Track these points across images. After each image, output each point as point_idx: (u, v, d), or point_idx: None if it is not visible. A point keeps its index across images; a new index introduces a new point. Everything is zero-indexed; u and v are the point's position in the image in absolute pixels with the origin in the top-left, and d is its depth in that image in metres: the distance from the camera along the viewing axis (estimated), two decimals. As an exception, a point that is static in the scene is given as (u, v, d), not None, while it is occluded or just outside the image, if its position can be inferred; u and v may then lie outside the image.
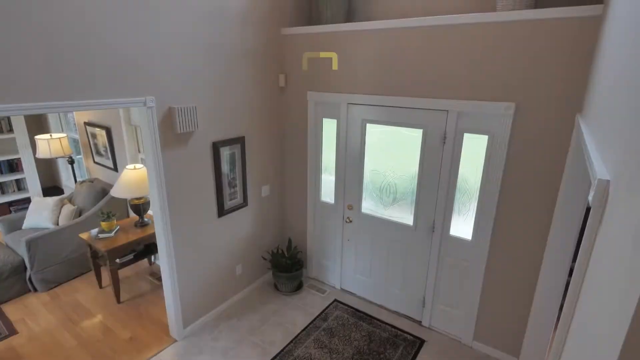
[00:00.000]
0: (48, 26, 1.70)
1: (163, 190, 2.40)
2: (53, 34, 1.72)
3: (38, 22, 1.67)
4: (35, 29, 1.66)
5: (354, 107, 2.84)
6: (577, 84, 1.94)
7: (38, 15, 1.66)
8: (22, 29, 1.62)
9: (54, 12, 1.71)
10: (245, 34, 2.69)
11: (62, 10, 1.74)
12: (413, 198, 2.77)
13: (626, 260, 0.63)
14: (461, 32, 2.22)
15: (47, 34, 1.70)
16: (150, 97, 2.19)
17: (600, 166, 0.98)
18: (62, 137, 4.31)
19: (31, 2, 1.63)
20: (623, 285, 0.62)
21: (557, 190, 2.13)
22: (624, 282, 0.61)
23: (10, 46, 1.60)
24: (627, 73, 0.93)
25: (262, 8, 2.77)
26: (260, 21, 2.78)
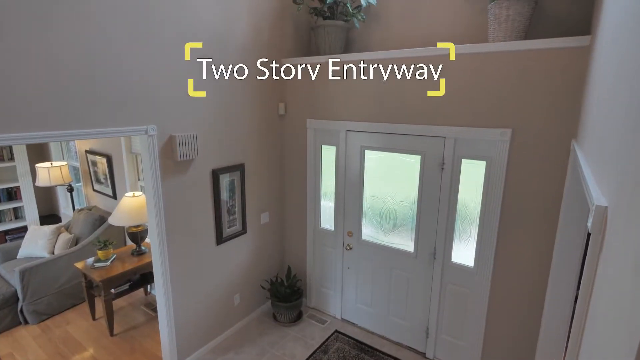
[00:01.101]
0: (53, 56, 1.76)
1: (161, 217, 2.39)
2: (58, 64, 1.78)
3: (43, 51, 1.72)
4: (40, 58, 1.72)
5: (352, 134, 2.88)
6: (570, 110, 1.99)
7: (43, 45, 1.72)
8: (27, 59, 1.68)
9: (59, 43, 1.77)
10: (246, 64, 2.77)
11: (67, 41, 1.80)
12: (413, 224, 2.75)
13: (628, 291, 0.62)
14: (456, 62, 2.29)
15: (52, 64, 1.76)
16: (152, 126, 2.23)
17: (597, 192, 0.99)
18: (62, 165, 4.34)
19: (36, 32, 1.69)
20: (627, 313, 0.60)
21: (557, 215, 2.12)
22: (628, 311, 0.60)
23: (15, 76, 1.65)
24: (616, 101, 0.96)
25: (263, 41, 2.87)
26: (260, 52, 2.87)
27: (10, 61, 1.62)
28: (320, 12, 2.92)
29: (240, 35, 2.67)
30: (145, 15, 2.09)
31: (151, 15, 2.11)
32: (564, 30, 2.24)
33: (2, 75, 1.61)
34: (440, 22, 2.67)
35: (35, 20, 1.67)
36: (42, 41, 1.71)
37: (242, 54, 2.72)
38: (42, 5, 1.68)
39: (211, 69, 2.52)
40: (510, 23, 2.15)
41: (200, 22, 2.38)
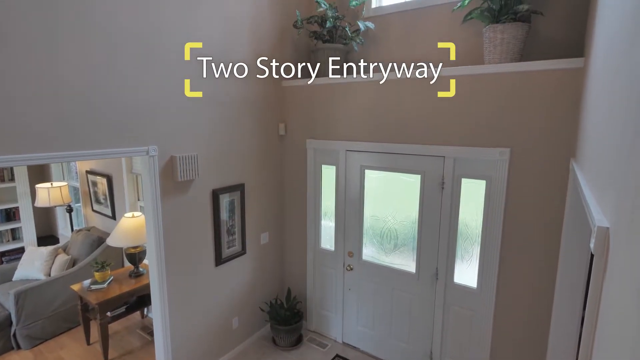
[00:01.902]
0: (57, 79, 1.79)
1: (160, 238, 2.37)
2: (62, 87, 1.81)
3: (47, 74, 1.75)
4: (45, 81, 1.75)
5: (352, 153, 2.90)
6: (568, 130, 2.00)
7: (47, 68, 1.75)
8: (32, 81, 1.71)
9: (63, 66, 1.81)
10: (247, 86, 2.82)
11: (71, 64, 1.84)
12: (414, 244, 2.72)
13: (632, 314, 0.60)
14: (454, 83, 2.33)
15: (56, 86, 1.79)
16: (153, 147, 2.24)
17: (598, 213, 0.98)
18: (62, 186, 4.34)
19: (42, 55, 1.73)
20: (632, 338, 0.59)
21: (559, 234, 2.11)
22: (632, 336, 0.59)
23: (20, 98, 1.67)
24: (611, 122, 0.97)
25: (264, 63, 2.93)
26: (261, 75, 2.93)
27: (16, 83, 1.65)
28: (320, 35, 3.00)
29: (241, 59, 2.73)
30: (150, 40, 2.14)
31: (156, 39, 2.17)
32: (559, 53, 2.29)
33: (6, 96, 1.63)
34: (436, 45, 2.74)
35: (41, 44, 1.71)
36: (47, 64, 1.74)
37: (244, 78, 2.77)
38: (48, 29, 1.73)
39: (214, 91, 2.56)
40: (505, 46, 2.20)
41: (202, 46, 2.44)
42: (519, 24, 2.15)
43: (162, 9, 2.19)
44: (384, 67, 3.01)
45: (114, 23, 1.97)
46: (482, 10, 2.27)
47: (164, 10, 2.20)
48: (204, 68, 2.47)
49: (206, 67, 2.49)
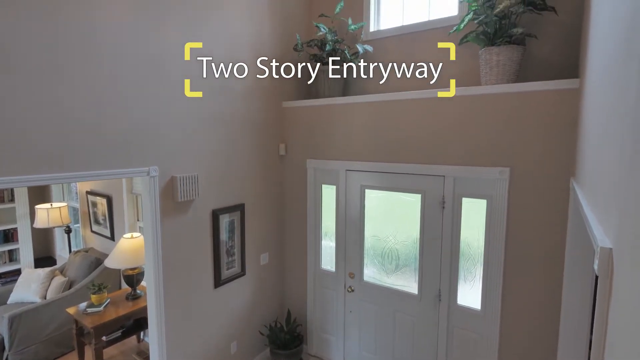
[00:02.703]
0: (60, 100, 1.82)
1: (159, 259, 2.34)
2: (64, 109, 1.83)
3: (48, 95, 1.78)
4: (46, 102, 1.77)
5: (352, 173, 2.91)
6: (566, 149, 2.02)
7: (49, 90, 1.78)
8: (33, 102, 1.73)
9: (65, 88, 1.84)
10: (248, 107, 2.86)
11: (73, 86, 1.87)
12: (416, 264, 2.69)
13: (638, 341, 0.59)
14: (452, 103, 2.37)
15: (57, 107, 1.81)
16: (153, 167, 2.25)
17: (600, 233, 0.97)
18: (62, 207, 4.33)
19: (43, 78, 1.76)
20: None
21: (563, 254, 2.08)
22: None
23: (20, 119, 1.70)
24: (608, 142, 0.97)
25: (265, 85, 2.99)
26: (262, 96, 2.98)
27: (19, 105, 1.68)
28: (319, 58, 3.07)
29: (243, 82, 2.79)
30: (153, 63, 2.19)
31: (159, 62, 2.22)
32: (554, 74, 2.33)
33: (9, 118, 1.65)
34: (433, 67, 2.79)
35: (46, 67, 1.75)
36: (50, 86, 1.77)
37: (245, 98, 2.82)
38: (53, 53, 1.77)
39: (215, 112, 2.59)
40: (501, 67, 2.25)
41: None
42: (514, 46, 2.20)
43: (166, 33, 2.25)
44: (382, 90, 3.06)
45: (117, 46, 2.02)
46: (477, 34, 2.33)
47: (168, 34, 2.26)
48: (205, 89, 2.51)
49: (207, 88, 2.53)
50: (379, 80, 3.09)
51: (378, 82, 3.09)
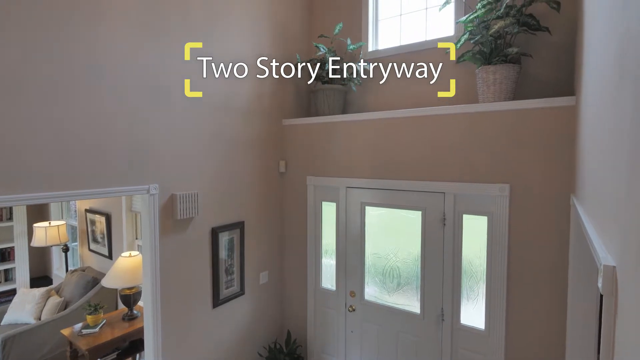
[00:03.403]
0: (60, 119, 1.83)
1: (157, 278, 2.31)
2: (65, 127, 1.85)
3: (51, 115, 1.80)
4: (48, 121, 1.79)
5: (352, 190, 2.91)
6: (566, 165, 2.02)
7: (51, 109, 1.80)
8: (35, 122, 1.75)
9: (67, 107, 1.86)
10: (249, 125, 2.89)
11: (75, 105, 1.89)
12: (418, 283, 2.65)
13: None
14: (451, 121, 2.39)
15: (59, 126, 1.83)
16: (154, 185, 2.25)
17: (603, 251, 0.96)
18: (60, 225, 4.30)
19: (46, 98, 1.78)
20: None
21: (566, 271, 2.06)
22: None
23: (22, 138, 1.71)
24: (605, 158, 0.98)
25: (265, 103, 3.03)
26: (263, 114, 3.01)
27: (20, 124, 1.69)
28: (319, 77, 3.12)
29: (244, 100, 2.82)
30: (156, 84, 2.23)
31: (161, 82, 2.25)
32: (550, 91, 2.37)
33: (10, 136, 1.67)
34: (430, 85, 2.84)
35: (49, 88, 1.78)
36: (53, 106, 1.79)
37: (246, 116, 2.85)
38: (57, 73, 1.80)
39: (215, 130, 2.61)
40: (498, 85, 2.28)
41: (206, 89, 2.53)
42: (509, 65, 2.25)
43: (167, 55, 2.29)
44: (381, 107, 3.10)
45: (120, 66, 2.05)
46: (474, 53, 2.38)
47: (170, 55, 2.30)
48: (206, 108, 2.54)
49: (209, 107, 2.56)
50: (377, 87, 3.13)
51: (376, 101, 3.13)
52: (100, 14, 1.96)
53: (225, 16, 2.66)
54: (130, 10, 2.09)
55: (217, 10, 2.59)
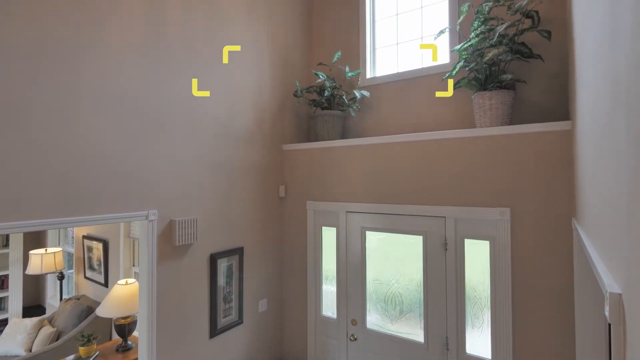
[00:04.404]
0: (61, 146, 1.85)
1: (153, 306, 2.25)
2: (66, 154, 1.86)
3: (52, 141, 1.81)
4: (50, 148, 1.80)
5: (352, 215, 2.89)
6: (565, 189, 2.03)
7: (53, 136, 1.82)
8: (36, 147, 1.76)
9: (68, 133, 1.88)
10: (249, 150, 2.92)
11: (78, 132, 1.91)
12: (421, 310, 2.58)
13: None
14: (449, 145, 2.42)
15: (60, 153, 1.84)
16: (153, 211, 2.24)
17: (608, 278, 0.95)
18: (56, 252, 4.25)
19: (49, 125, 1.81)
20: None
21: (572, 297, 2.01)
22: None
23: (22, 164, 1.71)
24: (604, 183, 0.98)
25: (265, 128, 3.07)
26: (262, 139, 3.04)
27: (25, 151, 1.70)
28: (318, 103, 3.18)
29: (244, 126, 2.86)
30: (157, 112, 2.26)
31: (163, 109, 2.29)
32: (546, 115, 2.41)
33: (9, 164, 1.67)
34: (428, 110, 2.90)
35: (54, 115, 1.80)
36: (55, 133, 1.81)
37: (245, 141, 2.88)
38: (62, 101, 1.84)
39: (215, 155, 2.63)
40: (494, 110, 2.33)
41: (206, 116, 2.57)
42: (505, 91, 2.30)
43: (170, 83, 2.35)
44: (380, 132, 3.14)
45: (123, 95, 2.10)
46: (469, 80, 2.44)
47: (172, 84, 2.36)
48: (207, 135, 2.57)
49: (210, 133, 2.59)
50: (376, 112, 3.18)
51: (375, 126, 3.18)
52: (106, 45, 2.02)
53: (227, 45, 2.74)
54: (136, 42, 2.16)
55: (220, 39, 2.68)
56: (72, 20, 1.88)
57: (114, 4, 2.06)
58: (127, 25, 2.12)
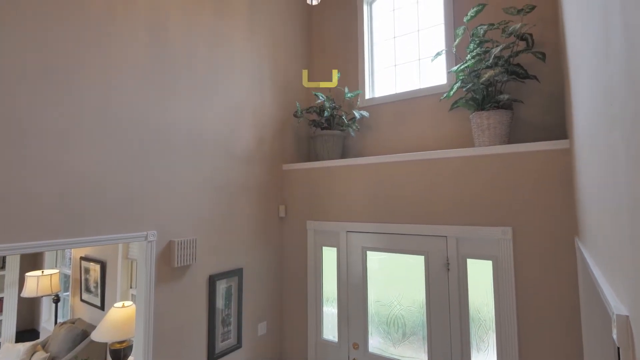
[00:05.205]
0: (62, 167, 1.85)
1: (150, 330, 2.19)
2: (67, 175, 1.86)
3: (53, 163, 1.82)
4: (50, 168, 1.80)
5: (353, 234, 2.87)
6: (567, 208, 2.01)
7: (54, 157, 1.83)
8: (37, 168, 1.76)
9: (69, 154, 1.88)
10: (249, 170, 2.92)
11: (77, 152, 1.92)
12: (424, 332, 2.52)
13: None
14: (449, 164, 2.42)
15: (61, 174, 1.84)
16: (152, 232, 2.22)
17: (614, 299, 0.93)
18: (53, 274, 4.18)
19: (51, 145, 1.82)
20: None
21: (579, 319, 1.96)
22: None
23: (23, 185, 1.71)
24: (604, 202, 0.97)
25: (265, 148, 3.09)
26: (263, 159, 3.06)
27: (26, 172, 1.71)
28: (318, 123, 3.22)
29: (244, 146, 2.88)
30: (158, 134, 2.28)
31: (163, 133, 2.32)
32: (543, 134, 2.43)
33: (15, 185, 1.67)
34: (427, 130, 2.92)
35: (56, 134, 1.82)
36: (56, 153, 1.82)
37: (246, 164, 2.89)
38: (64, 121, 1.85)
39: (215, 176, 2.64)
40: (492, 130, 2.35)
41: (207, 137, 2.59)
42: (502, 110, 2.33)
43: (172, 105, 2.38)
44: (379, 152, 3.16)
45: (125, 116, 2.12)
46: (467, 100, 2.48)
47: (173, 106, 2.39)
48: (207, 155, 2.59)
49: (210, 154, 2.61)
50: (375, 132, 3.21)
51: (374, 146, 3.21)
52: (109, 67, 2.06)
53: (230, 68, 2.80)
54: (139, 64, 2.21)
55: (222, 61, 2.74)
56: (76, 42, 1.92)
57: (118, 28, 2.12)
58: (130, 48, 2.17)
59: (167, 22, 2.38)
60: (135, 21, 2.20)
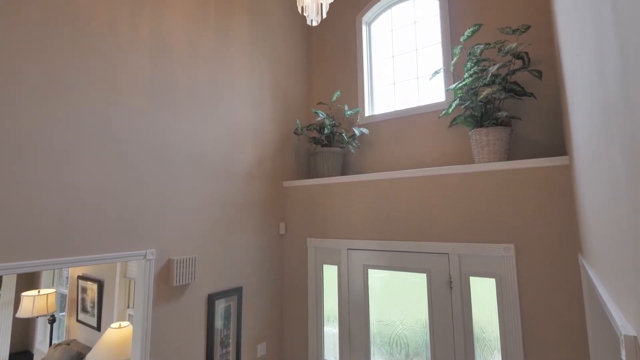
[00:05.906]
0: (62, 186, 1.85)
1: (147, 351, 2.14)
2: (66, 193, 1.86)
3: (54, 181, 1.82)
4: (51, 187, 1.80)
5: (354, 252, 2.84)
6: (568, 224, 2.00)
7: (54, 175, 1.83)
8: (37, 186, 1.76)
9: (70, 172, 1.89)
10: (249, 188, 2.92)
11: (78, 170, 1.92)
12: (428, 354, 2.45)
13: None
14: (450, 181, 2.42)
15: (61, 193, 1.84)
16: (151, 250, 2.20)
17: (621, 319, 0.90)
18: (49, 293, 4.12)
19: (50, 163, 1.82)
20: None
21: (586, 338, 1.91)
22: None
23: (22, 204, 1.70)
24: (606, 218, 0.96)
25: (266, 166, 3.10)
26: (263, 176, 3.06)
27: (26, 190, 1.70)
28: (318, 140, 3.24)
29: (245, 164, 2.89)
30: (158, 152, 2.30)
31: (164, 150, 2.33)
32: (543, 150, 2.44)
33: (15, 204, 1.67)
34: (426, 146, 2.94)
35: (56, 153, 1.83)
36: (57, 170, 1.83)
37: (246, 181, 2.89)
38: (66, 140, 1.87)
39: (215, 193, 2.63)
40: (491, 147, 2.36)
41: (207, 155, 2.61)
42: (501, 127, 2.34)
43: (173, 125, 2.40)
44: (379, 169, 3.17)
45: (125, 135, 2.14)
46: (465, 117, 2.50)
47: (175, 125, 2.41)
48: (207, 173, 2.59)
49: (210, 172, 2.61)
50: (375, 148, 3.22)
51: (374, 162, 3.22)
52: (112, 87, 2.09)
53: (231, 87, 2.84)
54: (141, 84, 2.24)
55: (223, 81, 2.78)
56: (77, 61, 1.96)
57: (124, 52, 2.16)
58: (132, 66, 2.21)
59: (170, 42, 2.44)
60: (137, 41, 2.25)
